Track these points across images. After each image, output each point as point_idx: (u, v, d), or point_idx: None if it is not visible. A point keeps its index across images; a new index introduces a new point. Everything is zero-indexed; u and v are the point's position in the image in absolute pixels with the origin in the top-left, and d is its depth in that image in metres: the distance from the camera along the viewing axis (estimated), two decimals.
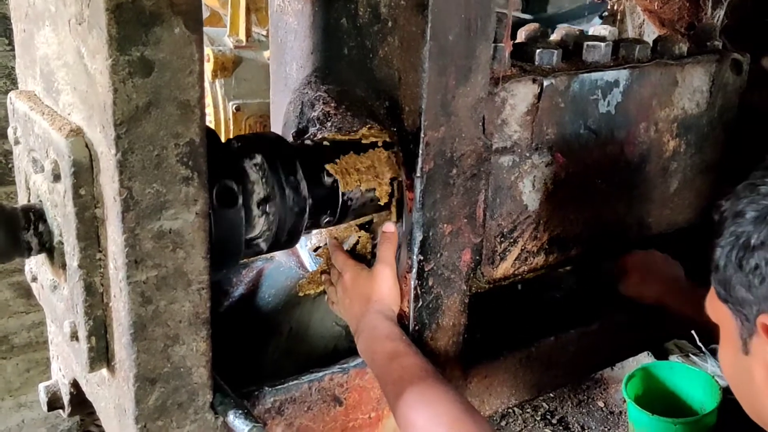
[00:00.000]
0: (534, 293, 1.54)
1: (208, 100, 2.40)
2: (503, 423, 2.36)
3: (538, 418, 2.38)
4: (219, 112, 2.43)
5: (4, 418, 1.88)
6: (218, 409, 1.03)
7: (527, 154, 1.32)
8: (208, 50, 2.36)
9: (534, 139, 1.33)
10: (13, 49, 1.16)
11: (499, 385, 1.41)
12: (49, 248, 1.03)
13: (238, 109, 2.42)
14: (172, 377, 0.99)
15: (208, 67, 2.38)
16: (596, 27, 1.83)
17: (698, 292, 1.41)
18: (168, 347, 0.98)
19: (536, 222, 1.38)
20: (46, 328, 1.83)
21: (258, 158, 1.14)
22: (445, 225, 1.20)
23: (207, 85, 2.40)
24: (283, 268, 1.53)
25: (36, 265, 1.14)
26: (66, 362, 1.25)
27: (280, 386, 1.12)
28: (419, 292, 1.21)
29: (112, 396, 1.04)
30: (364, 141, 1.22)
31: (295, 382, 1.14)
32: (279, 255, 1.55)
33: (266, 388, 1.11)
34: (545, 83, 1.30)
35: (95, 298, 0.97)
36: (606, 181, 1.47)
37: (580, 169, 1.41)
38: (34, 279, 1.17)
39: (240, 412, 1.01)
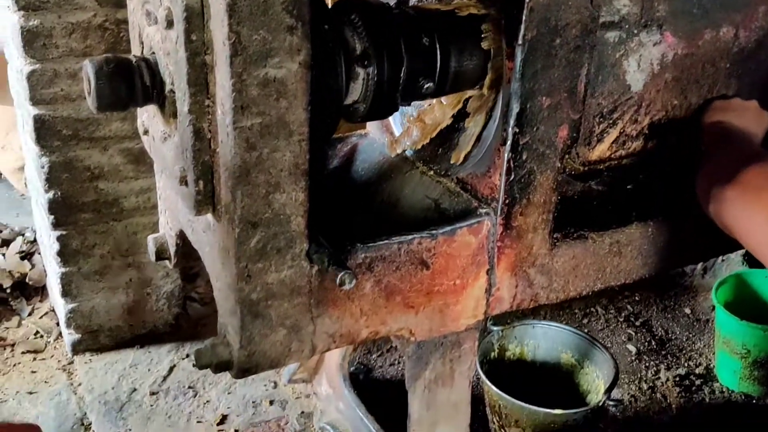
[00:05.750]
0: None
1: None
2: (585, 321, 2.37)
3: (621, 319, 2.37)
4: None
5: (113, 276, 2.04)
6: (313, 258, 1.08)
7: (635, 31, 1.27)
8: None
9: (643, 15, 1.27)
10: None
11: (586, 267, 1.41)
12: (161, 98, 1.08)
13: None
14: (273, 223, 1.05)
15: None
16: None
17: None
18: (269, 194, 1.03)
19: (638, 104, 1.34)
20: (153, 194, 1.95)
21: (357, 20, 1.14)
22: (544, 98, 1.18)
23: None
24: (376, 144, 1.56)
25: (148, 118, 1.21)
26: (173, 214, 1.33)
27: (371, 244, 1.16)
28: (512, 165, 1.21)
29: (217, 240, 1.11)
30: (464, 11, 1.21)
31: (385, 241, 1.17)
32: (373, 131, 1.58)
33: (358, 245, 1.15)
34: None
35: (203, 143, 1.03)
36: (716, 66, 1.40)
37: (690, 51, 1.35)
38: (146, 132, 1.23)
39: (334, 260, 1.06)
